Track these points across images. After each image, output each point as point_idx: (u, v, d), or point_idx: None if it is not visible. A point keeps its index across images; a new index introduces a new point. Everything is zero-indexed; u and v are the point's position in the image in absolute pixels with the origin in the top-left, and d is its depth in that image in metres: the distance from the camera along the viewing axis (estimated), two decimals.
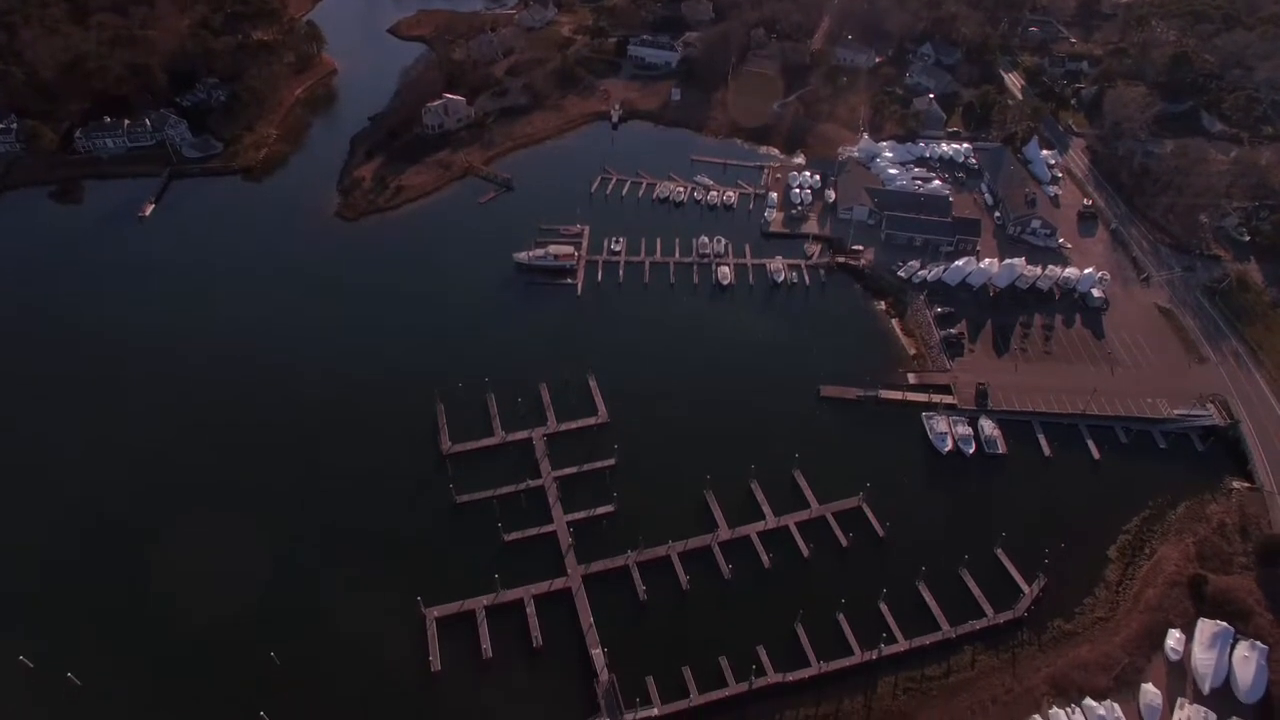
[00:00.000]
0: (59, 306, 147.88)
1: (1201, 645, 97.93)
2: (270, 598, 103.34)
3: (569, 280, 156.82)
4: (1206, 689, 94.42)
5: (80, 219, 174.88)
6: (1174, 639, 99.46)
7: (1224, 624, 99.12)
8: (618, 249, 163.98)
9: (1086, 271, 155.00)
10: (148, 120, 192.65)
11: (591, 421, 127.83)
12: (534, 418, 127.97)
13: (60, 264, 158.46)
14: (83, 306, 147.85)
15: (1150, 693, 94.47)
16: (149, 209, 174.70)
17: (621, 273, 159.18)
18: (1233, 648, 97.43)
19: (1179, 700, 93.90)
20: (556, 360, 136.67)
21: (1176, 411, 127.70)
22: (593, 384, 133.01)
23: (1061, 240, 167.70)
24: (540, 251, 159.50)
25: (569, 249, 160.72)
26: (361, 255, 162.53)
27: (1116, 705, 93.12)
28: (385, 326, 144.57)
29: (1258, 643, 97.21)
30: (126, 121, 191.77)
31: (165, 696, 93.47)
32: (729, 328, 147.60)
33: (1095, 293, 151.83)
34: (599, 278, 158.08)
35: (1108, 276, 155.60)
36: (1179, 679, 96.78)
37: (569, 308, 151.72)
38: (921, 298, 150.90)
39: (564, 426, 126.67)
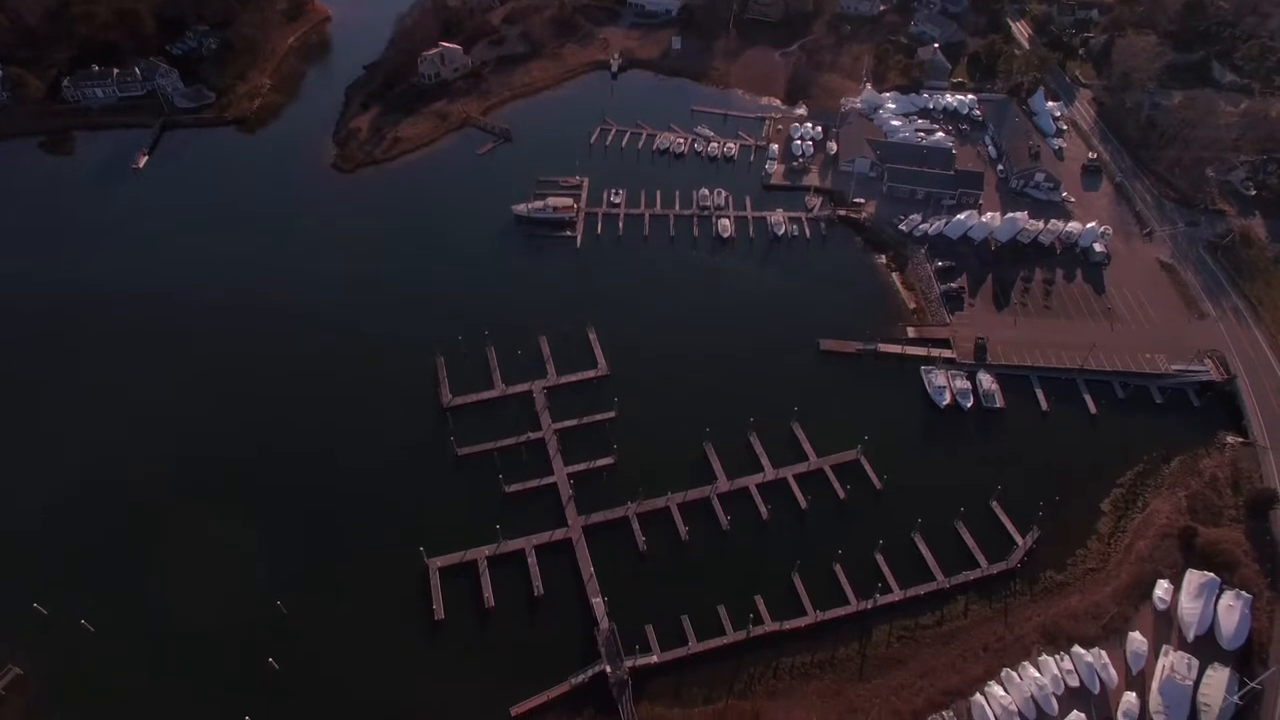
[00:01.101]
0: (56, 259, 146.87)
1: (1188, 595, 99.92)
2: (274, 549, 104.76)
3: (568, 233, 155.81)
4: (1191, 636, 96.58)
5: (73, 171, 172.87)
6: (1162, 589, 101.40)
7: (1211, 575, 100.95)
8: (617, 201, 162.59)
9: (1089, 226, 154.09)
10: (137, 69, 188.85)
11: (591, 374, 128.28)
12: (534, 370, 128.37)
13: (55, 216, 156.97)
14: (80, 259, 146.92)
15: (1137, 640, 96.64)
16: (143, 160, 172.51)
17: (621, 225, 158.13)
18: (1218, 597, 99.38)
19: (1164, 648, 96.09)
20: (556, 313, 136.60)
21: (1174, 367, 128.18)
22: (592, 336, 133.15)
23: (1065, 194, 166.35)
24: (539, 203, 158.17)
25: (568, 201, 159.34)
26: (359, 208, 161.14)
27: (1104, 653, 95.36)
28: (384, 280, 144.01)
29: (1242, 592, 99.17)
30: (115, 70, 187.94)
31: (175, 643, 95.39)
32: (729, 281, 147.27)
33: (1097, 247, 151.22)
34: (598, 230, 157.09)
35: (1110, 231, 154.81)
36: (1165, 627, 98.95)
37: (568, 260, 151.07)
38: (922, 251, 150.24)
39: (564, 379, 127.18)
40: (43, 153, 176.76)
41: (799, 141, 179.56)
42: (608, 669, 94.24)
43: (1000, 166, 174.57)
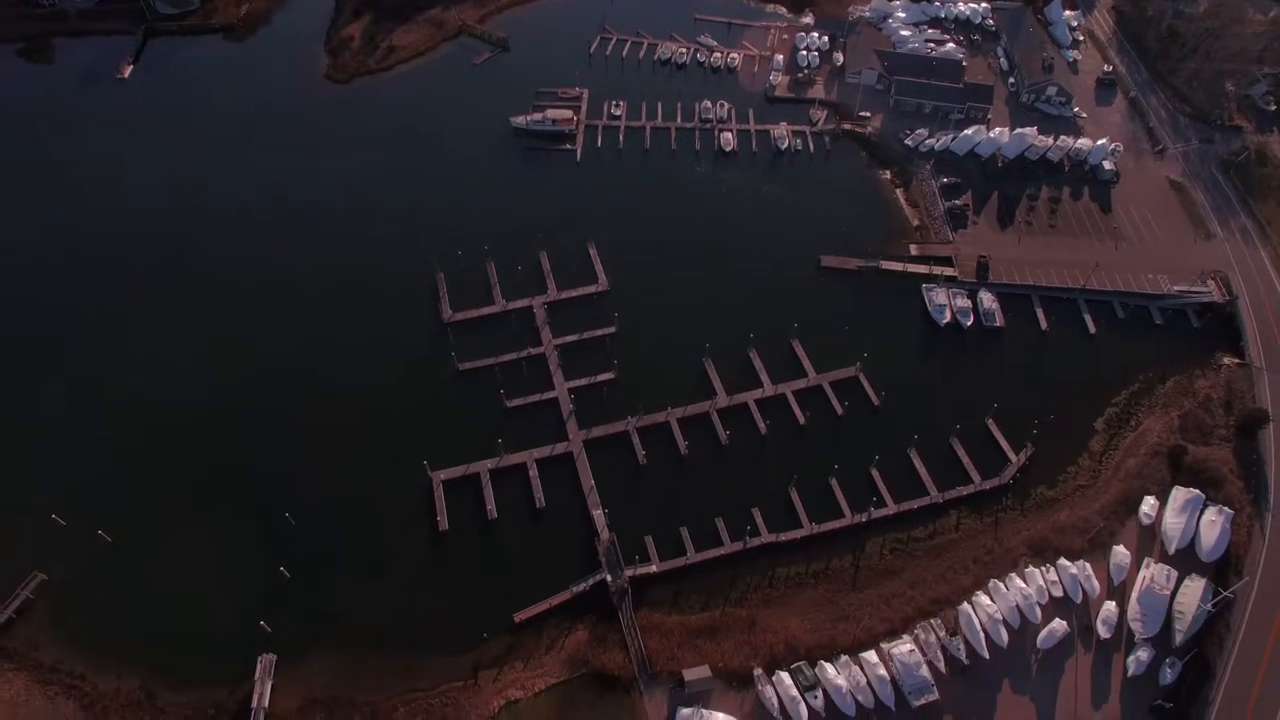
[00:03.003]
0: (44, 172, 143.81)
1: (1173, 511, 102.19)
2: (279, 463, 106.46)
3: (568, 146, 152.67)
4: (1172, 550, 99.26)
5: (55, 80, 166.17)
6: (1148, 505, 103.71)
7: (1196, 491, 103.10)
8: (618, 113, 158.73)
9: (1100, 143, 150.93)
10: None
11: (591, 289, 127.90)
12: (534, 286, 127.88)
13: (40, 128, 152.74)
14: (70, 173, 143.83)
15: (1120, 553, 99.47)
16: (128, 70, 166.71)
17: (621, 138, 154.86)
18: (1201, 513, 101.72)
19: (1145, 560, 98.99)
20: (556, 228, 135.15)
21: (1176, 288, 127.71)
22: (593, 252, 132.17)
23: (1076, 109, 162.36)
24: (538, 116, 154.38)
25: (568, 113, 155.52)
26: (354, 120, 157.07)
27: (1088, 565, 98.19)
28: (381, 194, 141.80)
29: (1225, 508, 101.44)
30: None
31: (188, 555, 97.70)
32: (730, 195, 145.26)
33: (1106, 165, 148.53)
34: (598, 143, 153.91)
35: (1120, 148, 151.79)
36: (1149, 541, 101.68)
37: (568, 174, 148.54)
38: (928, 167, 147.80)
39: (564, 294, 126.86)
40: (22, 60, 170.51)
41: (804, 52, 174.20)
42: (608, 578, 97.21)
43: (1011, 80, 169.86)
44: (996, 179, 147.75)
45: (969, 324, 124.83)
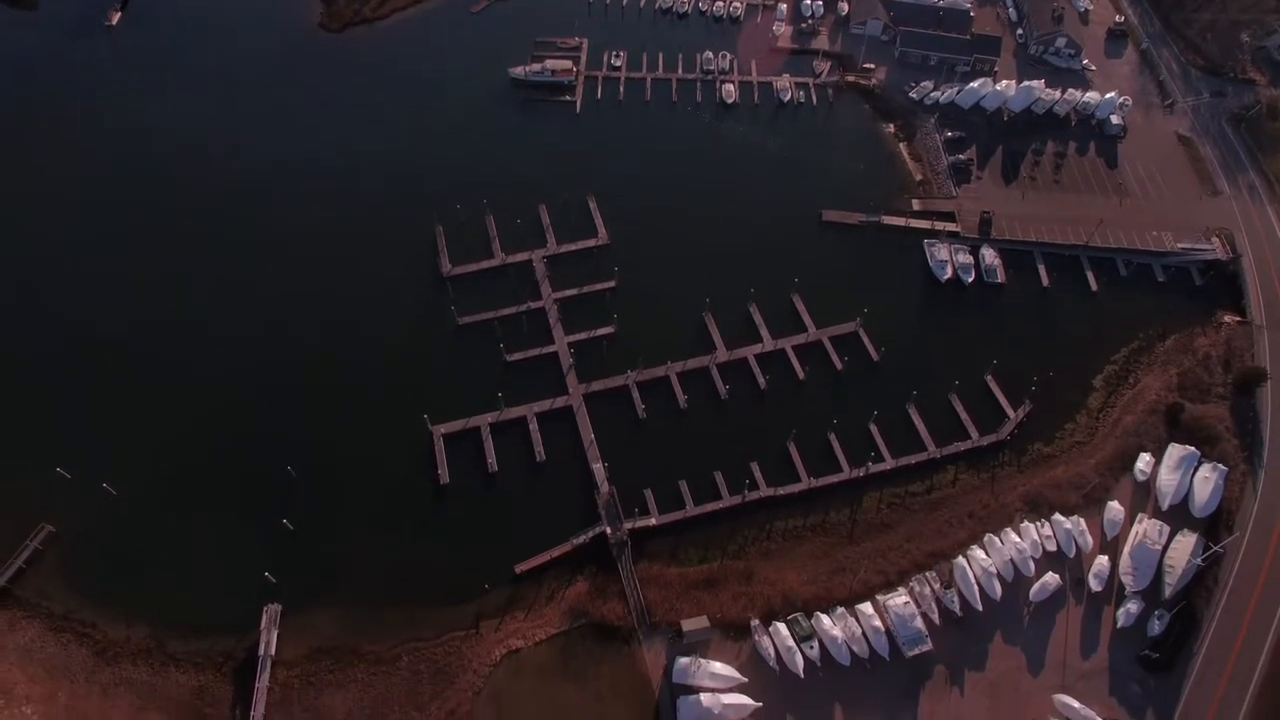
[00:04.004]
0: (35, 122, 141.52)
1: (1168, 467, 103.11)
2: (283, 416, 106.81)
3: (567, 97, 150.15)
4: (1166, 505, 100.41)
5: (41, 28, 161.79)
6: (1144, 461, 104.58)
7: (1192, 449, 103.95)
8: (618, 64, 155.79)
9: (1108, 96, 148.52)
10: None
11: (591, 243, 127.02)
12: (534, 239, 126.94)
13: (28, 77, 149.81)
14: (62, 125, 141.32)
15: (1114, 509, 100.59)
16: (115, 17, 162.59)
17: (622, 89, 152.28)
18: (1196, 469, 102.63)
19: (1139, 515, 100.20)
20: (556, 181, 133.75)
21: (1180, 245, 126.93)
22: (592, 205, 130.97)
23: (1085, 61, 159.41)
24: (537, 66, 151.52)
25: (567, 64, 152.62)
26: (348, 70, 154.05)
27: (1082, 520, 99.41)
28: (378, 146, 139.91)
29: (1219, 465, 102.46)
30: None
31: (191, 509, 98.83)
32: (732, 148, 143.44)
33: (1114, 119, 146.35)
34: (598, 94, 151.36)
35: (1129, 102, 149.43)
36: (1143, 497, 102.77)
37: (568, 126, 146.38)
38: (932, 121, 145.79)
39: (564, 248, 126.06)
40: (5, 7, 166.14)
41: (809, 1, 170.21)
42: (608, 530, 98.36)
43: (1020, 30, 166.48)
44: (1002, 133, 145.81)
45: (970, 280, 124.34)
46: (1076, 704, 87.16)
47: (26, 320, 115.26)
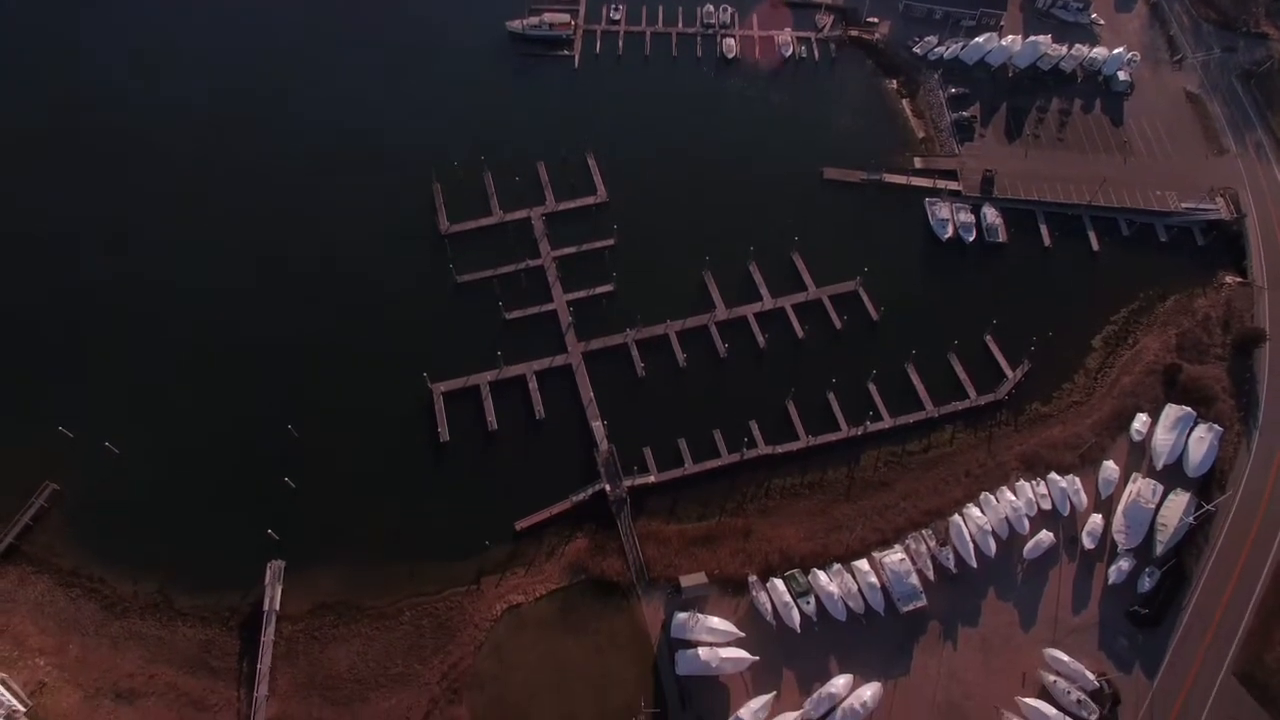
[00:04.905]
0: (19, 46, 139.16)
1: (1164, 427, 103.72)
2: (282, 374, 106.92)
3: (566, 52, 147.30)
4: (1160, 465, 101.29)
5: None
6: (1140, 421, 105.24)
7: (1188, 409, 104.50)
8: (617, 18, 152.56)
9: (1115, 52, 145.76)
10: None
11: (590, 200, 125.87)
12: (532, 197, 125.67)
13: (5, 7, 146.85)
14: (52, 57, 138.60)
15: (1109, 468, 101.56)
16: None
17: (621, 44, 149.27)
18: (1191, 429, 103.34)
19: (1134, 475, 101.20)
20: (554, 137, 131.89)
21: (1184, 205, 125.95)
22: (591, 162, 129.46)
23: (1094, 15, 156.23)
24: (535, 20, 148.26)
25: (565, 18, 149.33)
26: (339, 21, 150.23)
27: (1077, 479, 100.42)
28: (372, 101, 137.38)
29: (1215, 425, 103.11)
30: None
31: (193, 467, 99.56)
32: (732, 104, 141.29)
33: (1121, 75, 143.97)
34: (597, 49, 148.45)
35: (1137, 57, 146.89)
36: (1138, 457, 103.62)
37: (566, 82, 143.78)
38: (936, 77, 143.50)
39: (563, 206, 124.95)
40: None
41: None
42: (607, 488, 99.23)
43: None
44: (1006, 89, 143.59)
45: (971, 239, 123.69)
46: (1066, 657, 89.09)
47: (21, 277, 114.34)
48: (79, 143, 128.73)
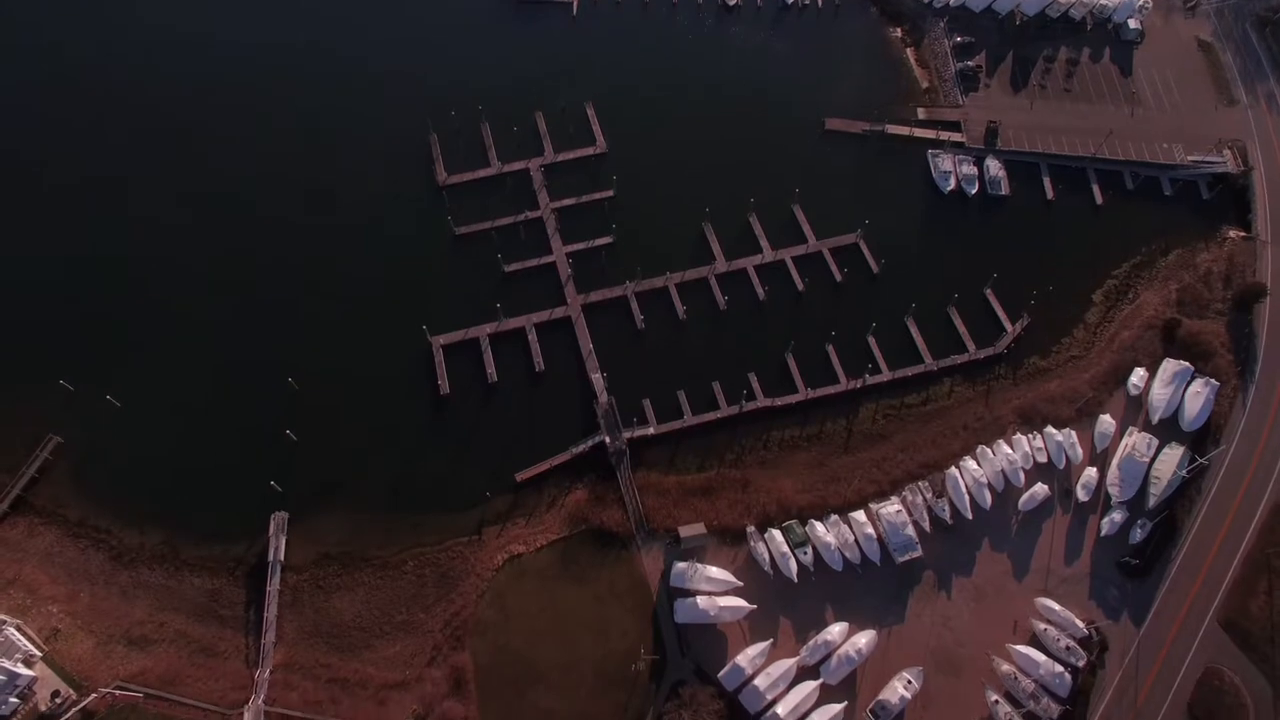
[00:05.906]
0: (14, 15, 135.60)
1: (1161, 382, 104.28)
2: (282, 328, 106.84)
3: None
4: (1156, 419, 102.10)
5: None
6: (1138, 376, 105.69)
7: (1186, 364, 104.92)
8: None
9: None
10: None
11: (589, 151, 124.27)
12: (530, 147, 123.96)
13: None
14: (43, 24, 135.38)
15: (1105, 422, 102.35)
16: None
17: None
18: (1188, 384, 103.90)
19: (1129, 428, 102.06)
20: (553, 87, 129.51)
21: (1190, 158, 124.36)
22: (590, 112, 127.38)
23: None
24: None
25: None
26: None
27: (1073, 433, 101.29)
28: (369, 52, 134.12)
29: (1211, 380, 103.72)
30: None
31: (195, 420, 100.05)
32: (733, 53, 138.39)
33: (1132, 23, 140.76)
34: None
35: (1149, 4, 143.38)
36: (1135, 411, 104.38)
37: (565, 30, 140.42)
38: (941, 25, 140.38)
39: (561, 157, 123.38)
40: None
41: None
42: (607, 439, 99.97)
43: None
44: (1013, 38, 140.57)
45: (974, 192, 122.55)
46: (1057, 606, 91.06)
47: (21, 232, 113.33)
48: (77, 97, 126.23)
